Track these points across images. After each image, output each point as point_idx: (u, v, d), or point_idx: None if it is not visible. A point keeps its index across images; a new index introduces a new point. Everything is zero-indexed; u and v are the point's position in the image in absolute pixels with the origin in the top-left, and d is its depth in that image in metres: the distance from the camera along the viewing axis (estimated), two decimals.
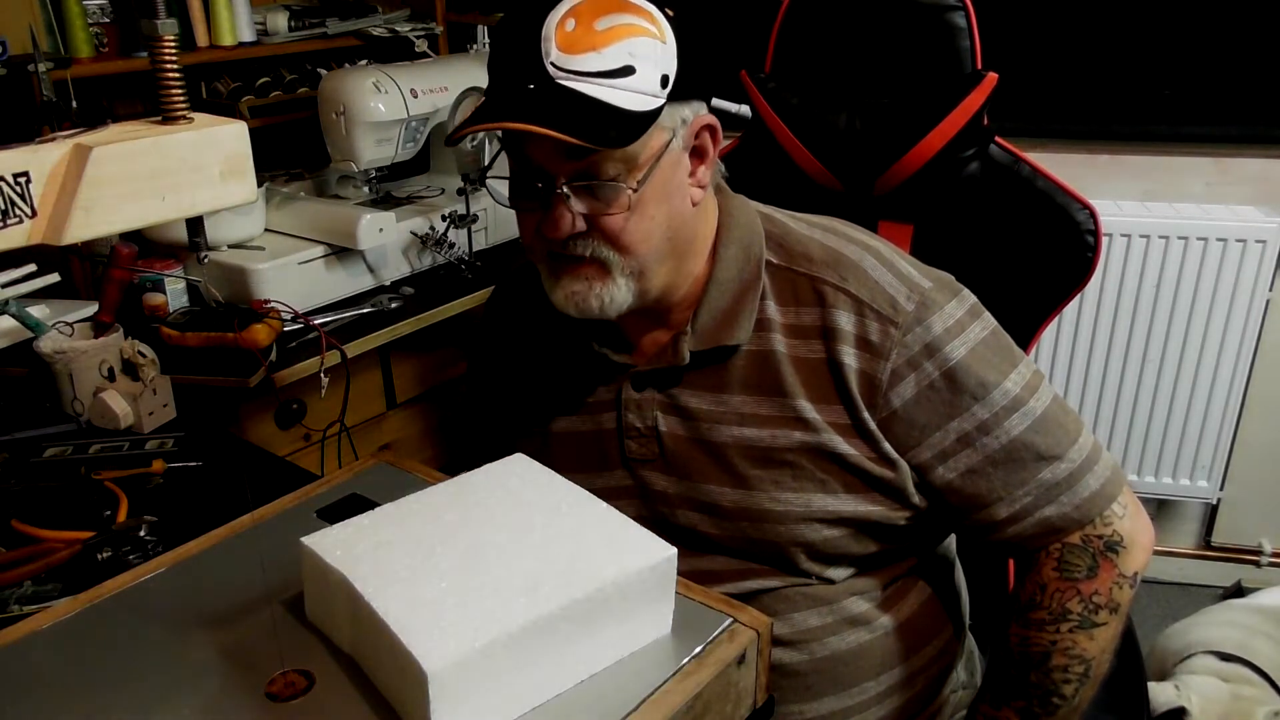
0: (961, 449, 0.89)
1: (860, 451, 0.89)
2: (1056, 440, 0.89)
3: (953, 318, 0.90)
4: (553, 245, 0.88)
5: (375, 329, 1.59)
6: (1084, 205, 1.16)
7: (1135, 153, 2.12)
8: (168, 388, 1.29)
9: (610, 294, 0.88)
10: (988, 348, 0.91)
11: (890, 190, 1.22)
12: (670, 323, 0.95)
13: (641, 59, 0.82)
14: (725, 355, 0.92)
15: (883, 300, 0.89)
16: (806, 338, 0.91)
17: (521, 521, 0.72)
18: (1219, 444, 2.18)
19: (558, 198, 0.85)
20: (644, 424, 0.95)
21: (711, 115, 0.90)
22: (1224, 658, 1.61)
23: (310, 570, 0.70)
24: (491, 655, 0.60)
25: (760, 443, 0.91)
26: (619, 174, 0.84)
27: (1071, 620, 0.89)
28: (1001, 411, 0.88)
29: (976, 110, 1.17)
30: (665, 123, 0.85)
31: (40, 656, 0.71)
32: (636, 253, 0.87)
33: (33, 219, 0.62)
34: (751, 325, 0.92)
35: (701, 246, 0.94)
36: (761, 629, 0.72)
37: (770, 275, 0.93)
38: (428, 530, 0.70)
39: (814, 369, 0.90)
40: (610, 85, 0.81)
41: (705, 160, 0.91)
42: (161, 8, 0.70)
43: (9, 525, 1.00)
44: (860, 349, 0.89)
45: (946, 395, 0.88)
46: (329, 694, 0.65)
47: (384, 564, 0.66)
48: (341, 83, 1.72)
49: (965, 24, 1.17)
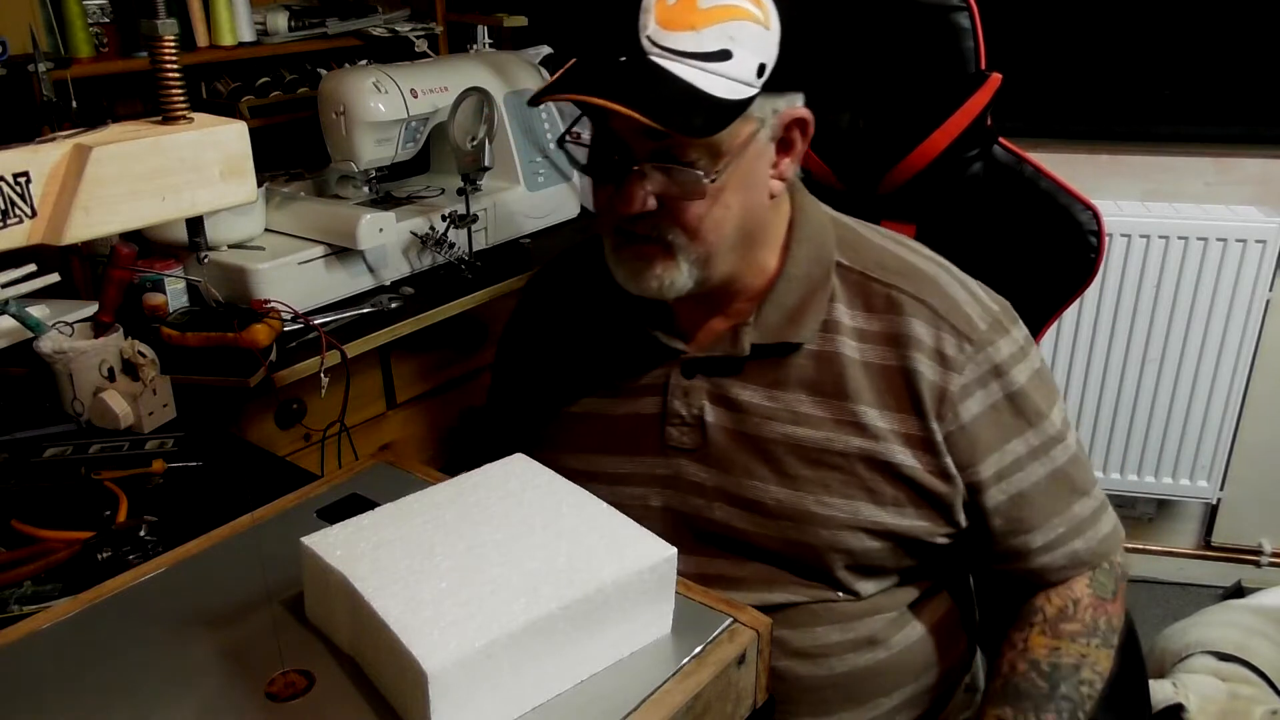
0: (1015, 471, 0.89)
1: (920, 464, 0.88)
2: (1086, 477, 0.92)
3: (1016, 344, 0.91)
4: (622, 220, 0.86)
5: (375, 329, 1.58)
6: (1087, 206, 1.17)
7: (1135, 153, 2.12)
8: (168, 388, 1.28)
9: (671, 277, 0.87)
10: (1040, 378, 0.92)
11: (893, 190, 1.22)
12: (729, 312, 0.94)
13: (740, 44, 0.79)
14: (786, 352, 0.91)
15: (959, 316, 0.89)
16: (878, 343, 0.90)
17: (521, 521, 0.72)
18: (1219, 444, 2.18)
19: (634, 174, 0.83)
20: (689, 412, 0.93)
21: (805, 109, 0.87)
22: (1222, 657, 1.61)
23: (310, 570, 0.70)
24: (491, 655, 0.60)
25: (813, 444, 0.89)
26: (699, 160, 0.82)
27: (1098, 636, 0.90)
28: (1050, 440, 0.90)
29: (980, 111, 1.17)
30: (755, 113, 0.83)
31: (40, 656, 0.71)
32: (706, 240, 0.86)
33: (33, 219, 0.62)
34: (818, 325, 0.90)
35: (772, 239, 0.93)
36: (761, 629, 0.72)
37: (841, 278, 0.92)
38: (427, 530, 0.70)
39: (885, 375, 0.89)
40: (703, 69, 0.78)
41: (791, 153, 0.89)
42: (161, 8, 0.70)
43: (9, 525, 1.00)
44: (935, 361, 0.88)
45: (1008, 417, 0.89)
46: (329, 694, 0.65)
47: (384, 564, 0.66)
48: (341, 83, 1.72)
49: (970, 25, 1.17)
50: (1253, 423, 2.20)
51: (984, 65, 1.18)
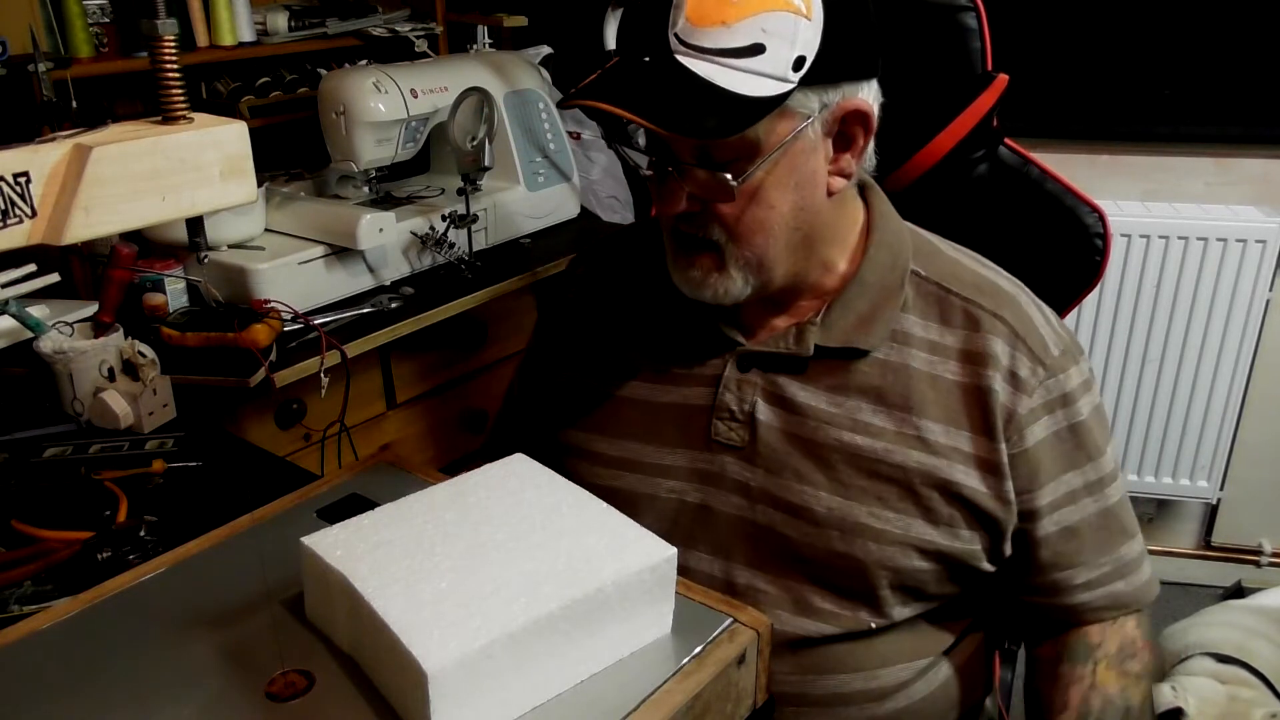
0: (1069, 503, 0.88)
1: (981, 485, 0.86)
2: (1133, 521, 0.92)
3: (1082, 376, 0.90)
4: (670, 219, 0.85)
5: (375, 329, 1.59)
6: (1093, 208, 1.16)
7: (1135, 153, 2.12)
8: (168, 388, 1.28)
9: (725, 286, 0.85)
10: (1100, 415, 0.91)
11: (899, 190, 1.22)
12: (794, 310, 0.91)
13: (775, 36, 0.75)
14: (852, 356, 0.88)
15: (1036, 339, 0.87)
16: (951, 358, 0.87)
17: (521, 521, 0.72)
18: (1219, 444, 2.18)
19: (670, 175, 0.82)
20: (740, 408, 0.89)
21: (865, 101, 0.83)
22: (1222, 659, 1.61)
23: (310, 570, 0.70)
24: (491, 655, 0.60)
25: (872, 454, 0.86)
26: (737, 160, 0.79)
27: (1154, 678, 0.90)
28: (1106, 477, 0.89)
29: (987, 112, 1.16)
30: (798, 107, 0.79)
31: (40, 656, 0.71)
32: (751, 242, 0.83)
33: (33, 219, 0.62)
34: (887, 333, 0.88)
35: (841, 240, 0.90)
36: (762, 629, 0.72)
37: (915, 288, 0.89)
38: (427, 530, 0.70)
39: (954, 391, 0.86)
40: (731, 66, 0.75)
41: (852, 149, 0.85)
42: (161, 8, 0.70)
43: (9, 525, 1.00)
44: (1008, 381, 0.86)
45: (1070, 448, 0.87)
46: (329, 694, 0.65)
47: (384, 564, 0.66)
48: (341, 83, 1.72)
49: (976, 25, 1.16)
50: (1253, 423, 2.20)
51: (991, 66, 1.17)
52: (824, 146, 0.83)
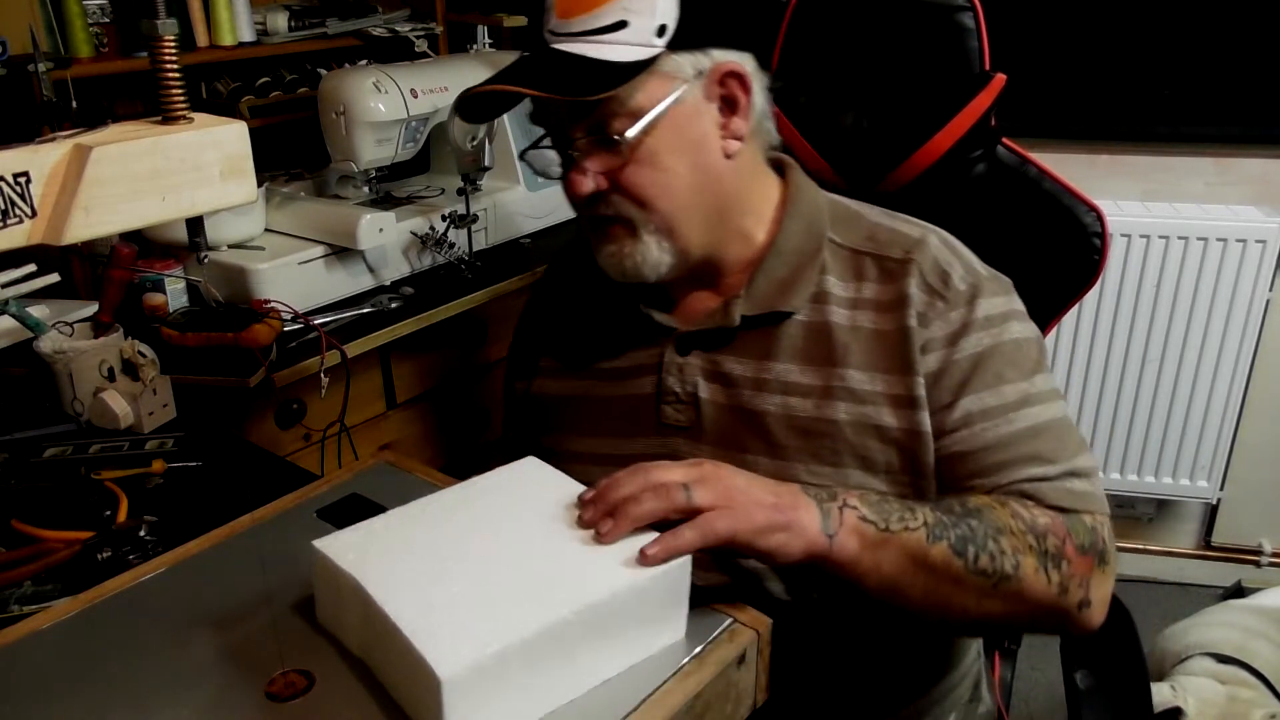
0: (962, 428, 0.88)
1: (903, 424, 0.87)
2: (1058, 448, 0.87)
3: (997, 309, 0.91)
4: (583, 208, 0.89)
5: (375, 329, 1.58)
6: (1091, 208, 1.16)
7: (1135, 153, 2.12)
8: (168, 388, 1.28)
9: (642, 253, 0.89)
10: (1017, 348, 0.90)
11: (897, 190, 1.22)
12: (721, 288, 0.95)
13: (635, 12, 0.82)
14: (777, 321, 0.91)
15: (937, 275, 0.90)
16: (870, 309, 0.90)
17: (534, 525, 0.71)
18: (1219, 444, 2.18)
19: (573, 158, 0.86)
20: (683, 389, 0.93)
21: (737, 63, 0.88)
22: (1221, 659, 1.61)
23: (322, 574, 0.70)
24: (505, 661, 0.60)
25: (804, 413, 0.89)
26: (624, 128, 0.84)
27: (1034, 538, 0.80)
28: (1012, 404, 0.88)
29: (984, 111, 1.16)
30: (669, 70, 0.85)
31: (40, 656, 0.71)
32: (657, 207, 0.87)
33: (33, 219, 0.62)
34: (808, 295, 0.91)
35: (756, 210, 0.94)
36: (762, 629, 0.72)
37: (833, 253, 0.93)
38: (440, 535, 0.70)
39: (875, 338, 0.89)
40: (599, 41, 0.82)
41: (738, 110, 0.89)
42: (161, 8, 0.70)
43: (9, 525, 1.00)
44: (919, 320, 0.89)
45: (965, 374, 0.88)
46: (329, 694, 0.65)
47: (396, 568, 0.66)
48: (341, 83, 1.72)
49: (974, 24, 1.16)
50: (1253, 423, 2.20)
51: (988, 65, 1.17)
52: (709, 111, 0.88)
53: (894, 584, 0.78)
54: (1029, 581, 0.79)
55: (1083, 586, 0.82)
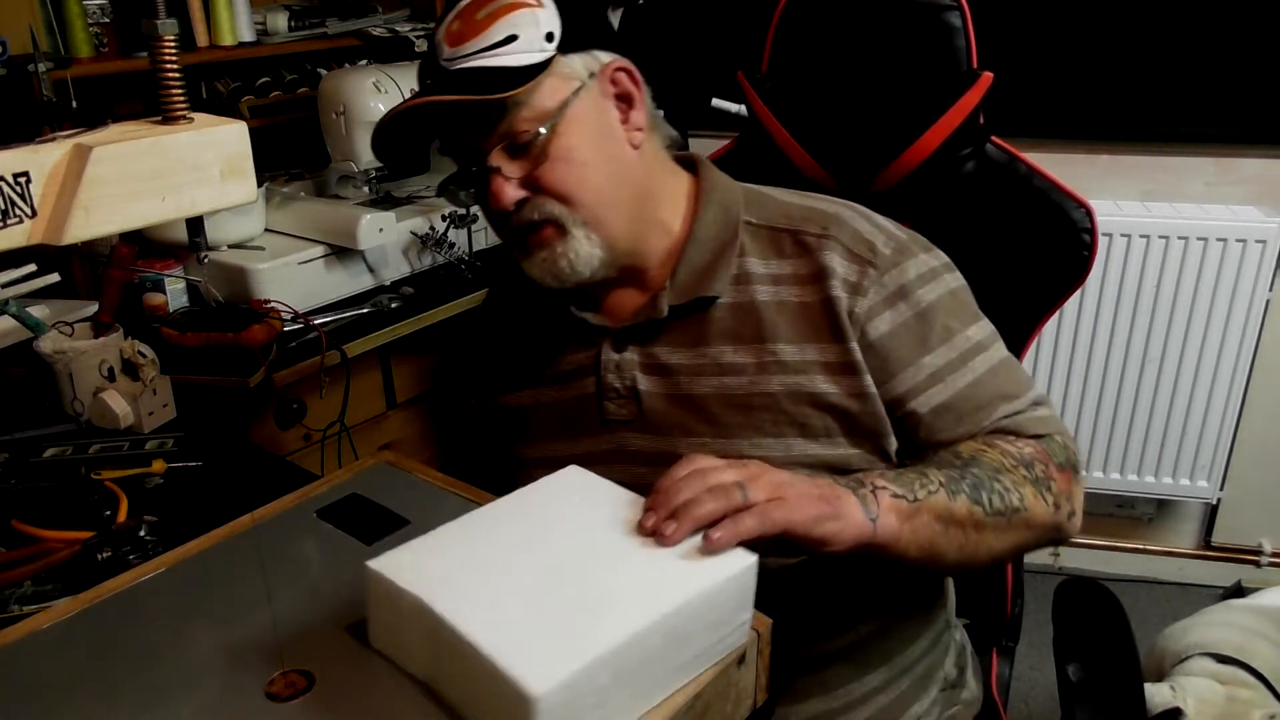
0: (932, 384, 0.91)
1: (841, 389, 0.91)
2: (1016, 383, 0.94)
3: (926, 266, 0.95)
4: (509, 221, 0.91)
5: (375, 329, 1.59)
6: (1080, 204, 1.16)
7: (1135, 153, 2.12)
8: (168, 388, 1.29)
9: (575, 249, 0.91)
10: (955, 299, 0.95)
11: (887, 189, 1.22)
12: (648, 283, 0.98)
13: (523, 26, 0.86)
14: (703, 307, 0.94)
15: (862, 245, 0.93)
16: (792, 284, 0.93)
17: (591, 534, 0.70)
18: (1219, 444, 2.18)
19: (491, 172, 0.89)
20: (623, 384, 0.96)
21: (623, 59, 0.93)
22: (1221, 660, 1.61)
23: (379, 595, 0.67)
24: (592, 675, 0.58)
25: (741, 390, 0.92)
26: (536, 128, 0.87)
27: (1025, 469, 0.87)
28: (968, 352, 0.92)
29: (972, 109, 1.17)
30: (565, 72, 0.89)
31: (40, 656, 0.71)
32: (580, 200, 0.90)
33: (33, 219, 0.62)
34: (729, 278, 0.94)
35: (671, 201, 0.97)
36: (762, 629, 0.72)
37: (749, 234, 0.96)
38: (497, 548, 0.68)
39: (801, 311, 0.92)
40: (495, 54, 0.86)
41: (633, 103, 0.94)
42: (161, 8, 0.70)
43: (9, 525, 1.00)
44: (846, 289, 0.92)
45: (919, 333, 0.92)
46: (329, 694, 0.65)
47: (461, 586, 0.64)
48: (341, 83, 1.72)
49: (961, 23, 1.17)
50: (1253, 423, 2.20)
51: (976, 64, 1.18)
52: (609, 108, 0.92)
53: (932, 548, 0.82)
54: (1034, 509, 0.87)
55: (1069, 500, 0.90)
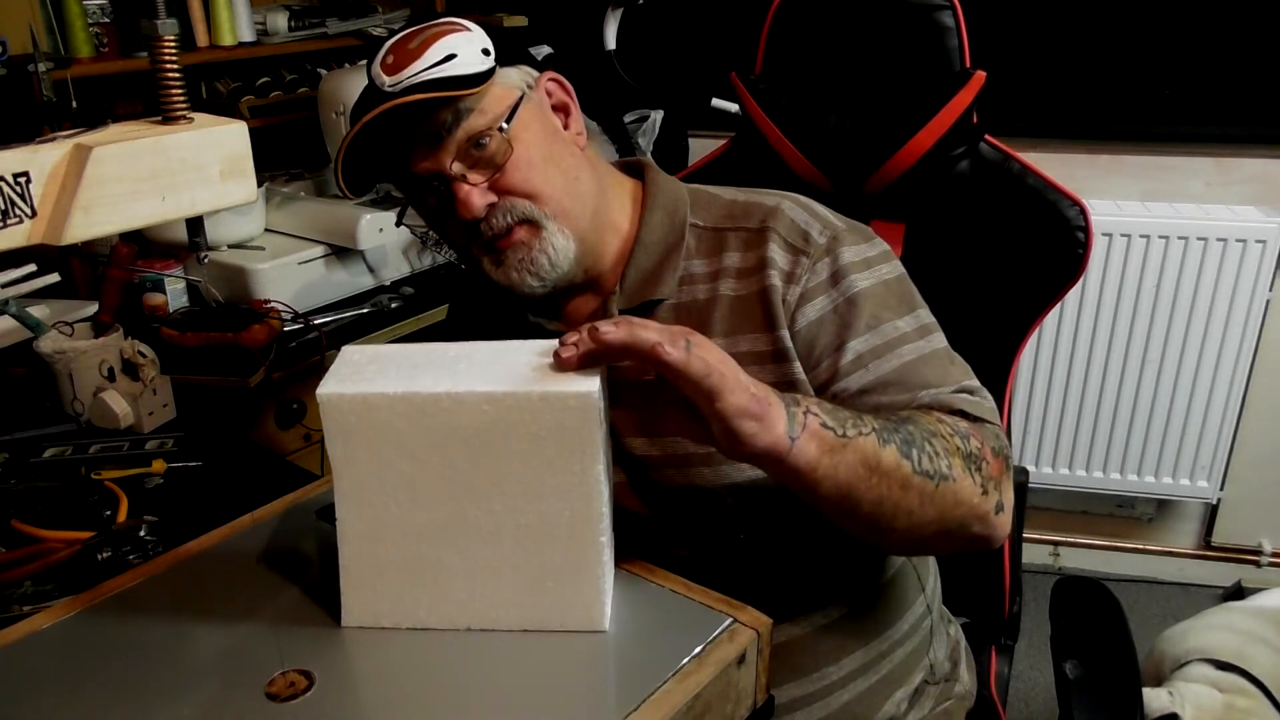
0: (856, 369, 0.91)
1: (770, 377, 0.90)
2: (946, 371, 0.92)
3: (861, 255, 0.95)
4: (479, 231, 0.92)
5: (375, 329, 1.59)
6: (1074, 202, 1.16)
7: (1135, 153, 2.12)
8: (168, 388, 1.29)
9: (552, 243, 0.92)
10: (889, 290, 0.95)
11: (881, 189, 1.22)
12: (601, 287, 0.99)
13: (458, 46, 0.90)
14: (650, 310, 0.96)
15: (797, 235, 0.94)
16: (731, 278, 0.95)
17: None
18: (1219, 444, 2.18)
19: (455, 182, 0.90)
20: None
21: (553, 71, 0.98)
22: (1220, 666, 1.60)
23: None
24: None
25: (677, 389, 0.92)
26: (488, 129, 0.90)
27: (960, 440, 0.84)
28: (894, 340, 0.92)
29: (965, 108, 1.17)
30: (507, 81, 0.93)
31: (40, 656, 0.71)
32: (547, 195, 0.92)
33: (33, 219, 0.63)
34: (676, 281, 0.96)
35: (619, 204, 1.00)
36: (762, 629, 0.72)
37: (695, 236, 0.98)
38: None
39: (739, 303, 0.93)
40: (440, 69, 0.88)
41: (569, 111, 0.98)
42: (161, 8, 0.70)
43: (9, 525, 1.00)
44: (782, 278, 0.93)
45: (846, 319, 0.92)
46: (329, 694, 0.65)
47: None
48: (341, 83, 1.72)
49: (953, 23, 1.17)
50: (1253, 423, 2.20)
51: (969, 63, 1.18)
52: (550, 115, 0.97)
53: (848, 490, 0.78)
54: (961, 482, 0.82)
55: (998, 489, 0.85)
